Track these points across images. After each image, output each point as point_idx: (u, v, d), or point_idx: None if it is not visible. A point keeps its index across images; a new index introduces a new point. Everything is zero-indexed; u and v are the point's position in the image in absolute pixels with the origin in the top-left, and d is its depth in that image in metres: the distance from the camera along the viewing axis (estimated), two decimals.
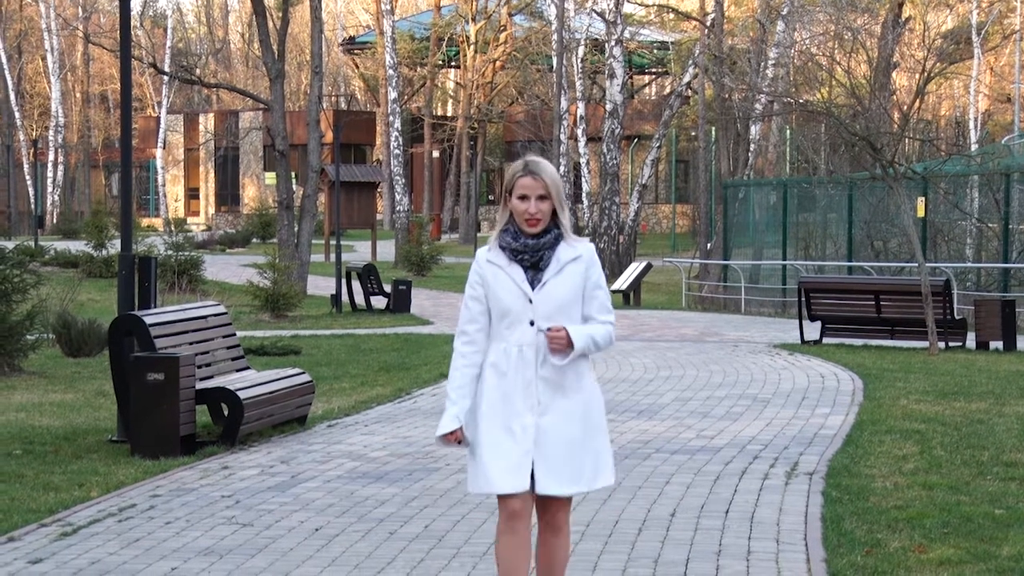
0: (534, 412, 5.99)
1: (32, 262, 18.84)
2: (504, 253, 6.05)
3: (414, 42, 68.23)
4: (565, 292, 6.01)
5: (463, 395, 6.06)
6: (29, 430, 12.54)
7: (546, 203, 6.00)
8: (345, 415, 13.69)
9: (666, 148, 61.88)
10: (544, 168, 6.01)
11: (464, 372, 6.08)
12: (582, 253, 6.06)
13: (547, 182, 5.98)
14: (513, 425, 5.98)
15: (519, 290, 6.00)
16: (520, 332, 6.01)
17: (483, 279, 6.07)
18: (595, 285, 6.08)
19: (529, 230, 6.01)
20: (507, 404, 5.99)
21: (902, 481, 10.01)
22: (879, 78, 36.05)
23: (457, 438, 6.05)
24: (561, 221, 6.04)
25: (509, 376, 6.00)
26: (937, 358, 19.06)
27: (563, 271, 6.01)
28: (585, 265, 6.05)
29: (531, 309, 6.00)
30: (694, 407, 14.16)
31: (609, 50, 45.12)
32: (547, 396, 6.00)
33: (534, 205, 5.99)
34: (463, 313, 6.13)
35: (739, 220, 36.59)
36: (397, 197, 51.00)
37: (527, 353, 6.00)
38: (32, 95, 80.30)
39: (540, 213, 6.00)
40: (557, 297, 6.00)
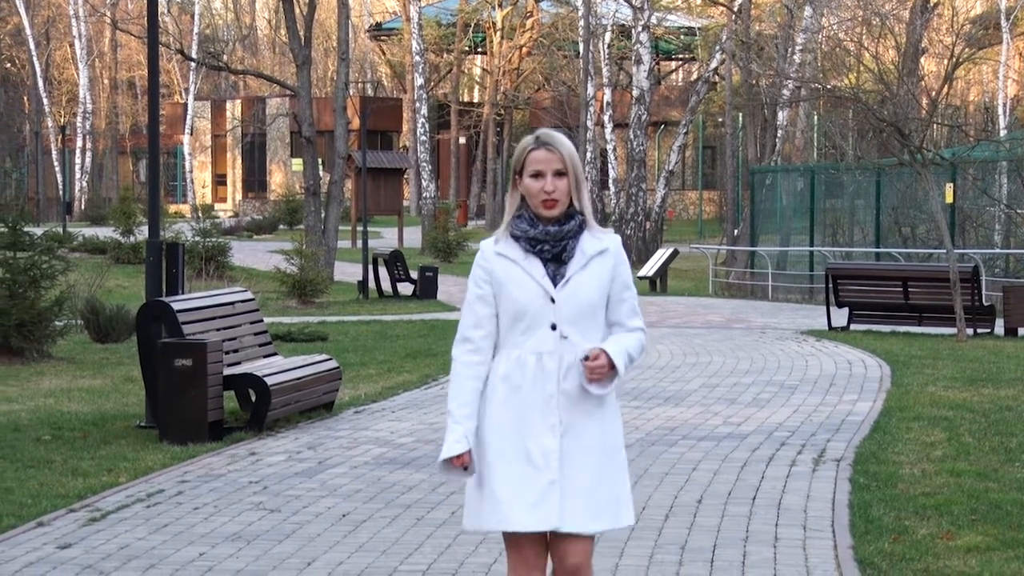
0: (555, 433, 5.05)
1: (60, 248, 18.87)
2: (519, 243, 5.08)
3: (440, 28, 68.17)
4: (591, 291, 5.07)
5: (469, 413, 5.10)
6: (58, 416, 12.60)
7: (564, 181, 5.05)
8: (372, 401, 13.71)
9: (693, 134, 61.75)
10: (559, 140, 5.07)
11: (469, 386, 5.12)
12: (609, 246, 5.12)
13: (563, 155, 5.04)
14: (531, 448, 5.04)
15: (538, 287, 5.04)
16: (539, 338, 5.05)
17: (491, 275, 5.10)
18: (623, 284, 5.15)
19: (546, 213, 5.04)
20: (522, 424, 5.05)
21: (930, 468, 9.99)
22: (907, 64, 35.90)
23: (464, 463, 5.10)
24: (582, 206, 5.10)
25: (524, 390, 5.05)
26: (965, 345, 18.99)
27: (589, 266, 5.07)
28: (613, 261, 5.12)
29: (553, 310, 5.03)
30: (721, 394, 14.14)
31: (636, 36, 45.01)
32: (567, 414, 5.07)
33: (551, 182, 5.04)
34: (465, 317, 5.16)
35: (766, 206, 36.50)
36: (423, 183, 51.02)
37: (547, 363, 5.05)
38: (60, 82, 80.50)
39: (558, 192, 5.04)
40: (583, 296, 5.06)
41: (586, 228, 5.11)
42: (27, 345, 16.83)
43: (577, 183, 5.07)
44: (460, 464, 5.11)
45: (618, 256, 5.15)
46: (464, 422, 5.10)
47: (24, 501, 9.03)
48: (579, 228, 5.09)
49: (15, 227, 17.07)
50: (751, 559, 7.54)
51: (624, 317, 5.18)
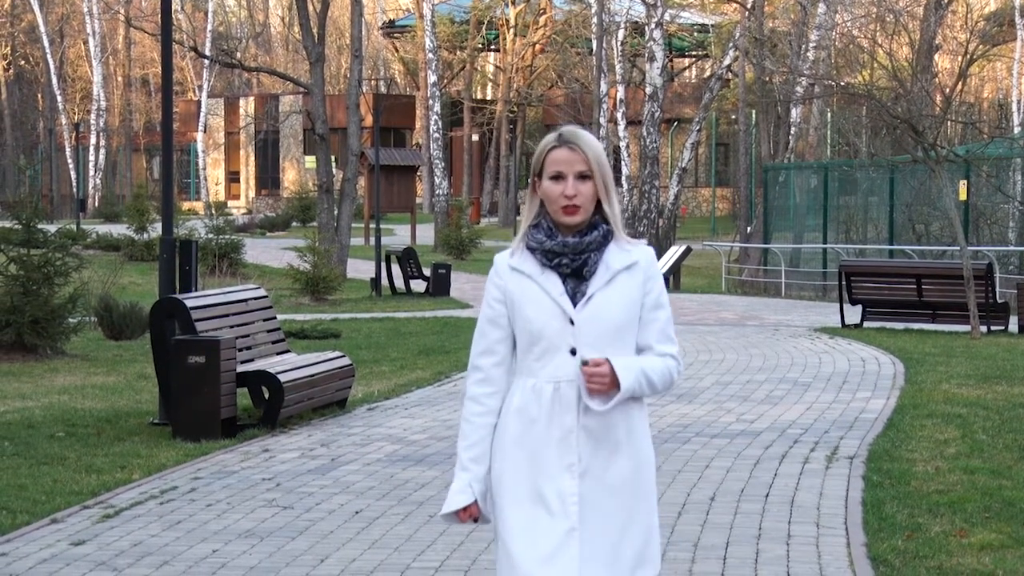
0: (572, 473, 4.41)
1: (74, 245, 18.95)
2: (534, 256, 4.47)
3: (454, 25, 68.19)
4: (617, 311, 4.44)
5: (477, 456, 4.49)
6: (72, 412, 12.62)
7: (588, 185, 4.42)
8: (385, 398, 13.72)
9: (706, 131, 61.70)
10: (584, 139, 4.45)
11: (479, 424, 4.50)
12: (638, 259, 4.48)
13: (588, 156, 4.42)
14: (546, 491, 4.40)
15: (556, 307, 4.43)
16: (556, 364, 4.43)
17: (505, 293, 4.50)
18: (655, 304, 4.51)
19: (567, 220, 4.43)
20: (536, 463, 4.42)
21: (943, 465, 9.97)
22: (921, 60, 35.84)
23: (472, 515, 4.49)
24: (609, 214, 4.47)
25: (540, 424, 4.42)
26: (979, 342, 18.96)
27: (614, 282, 4.45)
28: (643, 276, 4.48)
29: (572, 333, 4.42)
30: (734, 391, 14.13)
31: (649, 33, 44.97)
32: (589, 452, 4.42)
33: (572, 185, 4.42)
34: (476, 342, 4.58)
35: (780, 203, 36.46)
36: (436, 181, 51.03)
37: (566, 393, 4.42)
38: (74, 79, 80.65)
39: (580, 197, 4.42)
40: (607, 317, 4.43)
41: (613, 240, 4.48)
42: (41, 342, 16.87)
43: (605, 188, 4.45)
44: (468, 517, 4.50)
45: (649, 271, 4.50)
46: (472, 467, 4.49)
47: (38, 498, 9.05)
48: (604, 239, 4.46)
49: (29, 224, 17.10)
50: (764, 556, 7.54)
51: (652, 340, 4.51)
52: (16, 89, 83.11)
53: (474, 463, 4.49)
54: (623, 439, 4.45)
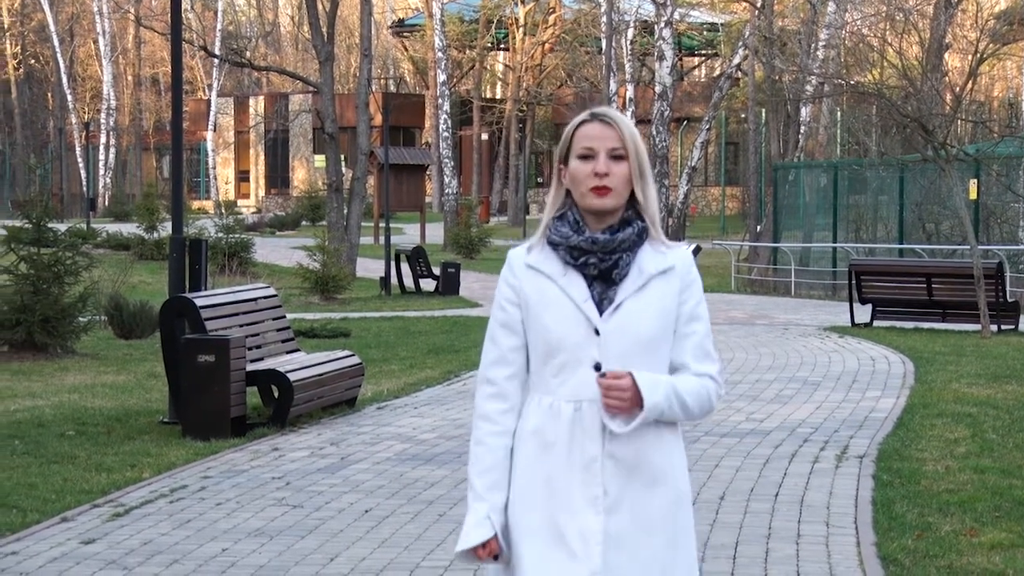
0: (597, 508, 3.78)
1: (84, 244, 18.94)
2: (557, 254, 3.86)
3: (463, 24, 68.20)
4: (649, 322, 3.82)
5: (493, 483, 3.87)
6: (82, 411, 12.64)
7: (622, 166, 3.81)
8: (394, 397, 13.73)
9: (716, 130, 61.66)
10: (619, 116, 3.88)
11: (493, 446, 3.87)
12: (675, 263, 3.87)
13: (624, 132, 3.83)
14: (566, 529, 3.78)
15: (579, 314, 3.81)
16: (578, 381, 3.81)
17: (520, 295, 3.87)
18: (691, 315, 3.89)
19: (596, 203, 3.81)
20: (555, 495, 3.80)
21: (953, 465, 9.96)
22: (931, 59, 35.80)
23: (492, 551, 3.86)
24: (644, 207, 3.86)
25: (558, 450, 3.80)
26: (989, 341, 18.93)
27: (647, 289, 3.84)
28: (680, 283, 3.87)
29: (597, 345, 3.80)
30: (743, 390, 14.12)
31: (658, 32, 44.97)
32: (619, 484, 3.79)
33: (603, 162, 3.81)
34: (487, 351, 3.94)
35: (789, 202, 36.43)
36: (446, 180, 51.04)
37: (588, 415, 3.80)
38: (84, 78, 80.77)
39: (612, 178, 3.80)
40: (637, 329, 3.81)
41: (648, 239, 3.87)
42: (51, 341, 16.89)
43: (640, 174, 3.84)
44: (488, 554, 3.87)
45: (686, 277, 3.88)
46: (488, 496, 3.86)
47: (48, 496, 9.07)
48: (638, 238, 3.85)
49: (39, 223, 17.13)
50: (774, 556, 7.53)
51: (688, 357, 3.88)
52: (26, 88, 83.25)
53: (491, 491, 3.86)
54: (658, 469, 3.82)
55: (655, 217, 3.87)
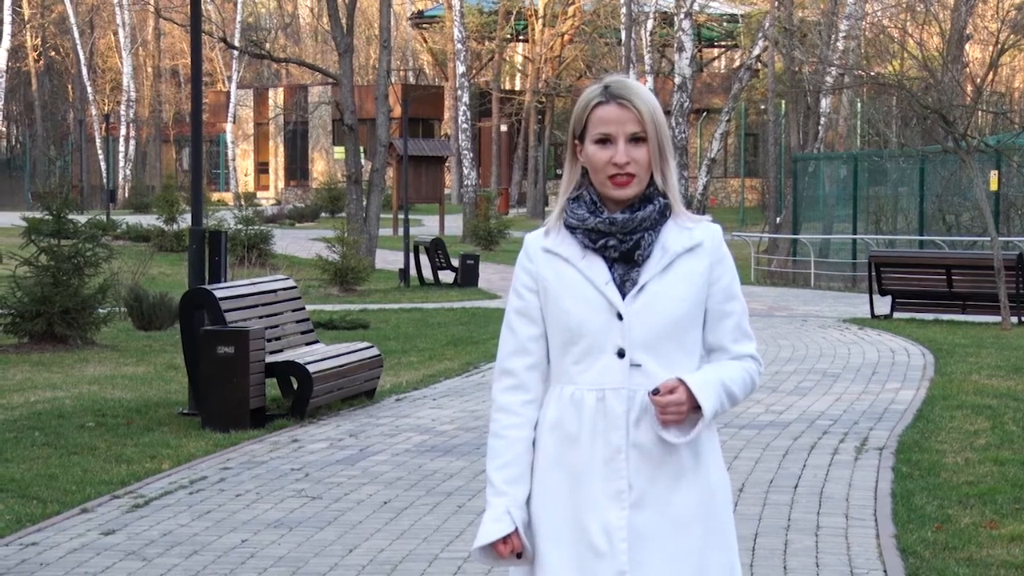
0: (622, 503, 3.58)
1: (104, 236, 19.05)
2: (575, 236, 3.64)
3: (482, 16, 68.16)
4: (676, 304, 3.60)
5: (514, 477, 3.65)
6: (102, 402, 12.67)
7: (642, 150, 3.58)
8: (413, 389, 13.74)
9: (735, 122, 61.54)
10: (637, 92, 3.59)
11: (513, 439, 3.66)
12: (703, 239, 3.65)
13: (643, 113, 3.57)
14: (590, 525, 3.58)
15: (601, 298, 3.60)
16: (601, 369, 3.60)
17: (538, 280, 3.68)
18: (726, 294, 3.68)
19: (617, 194, 3.60)
20: (578, 490, 3.61)
21: (973, 456, 9.94)
22: (952, 50, 35.69)
23: (514, 548, 3.63)
24: (666, 184, 3.63)
25: (582, 443, 3.60)
26: (1010, 333, 18.88)
27: (673, 268, 3.61)
28: (709, 259, 3.64)
29: (620, 330, 3.59)
30: (763, 381, 14.09)
31: (678, 23, 44.89)
32: (644, 478, 3.59)
33: (623, 151, 3.57)
34: (505, 340, 3.75)
35: (809, 194, 36.37)
36: (465, 171, 51.04)
37: (612, 404, 3.59)
38: (104, 70, 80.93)
39: (634, 165, 3.57)
40: (664, 311, 3.59)
41: (671, 216, 3.65)
42: (71, 332, 16.94)
43: (660, 153, 3.60)
44: (509, 551, 3.63)
45: (716, 253, 3.65)
46: (508, 490, 3.64)
47: (68, 487, 9.09)
48: (660, 216, 3.63)
49: (59, 215, 17.17)
50: (793, 547, 7.52)
51: (727, 339, 3.69)
52: (46, 80, 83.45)
53: (511, 485, 3.63)
54: (688, 462, 3.60)
55: (676, 192, 3.65)
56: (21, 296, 16.88)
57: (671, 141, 3.65)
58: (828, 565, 7.19)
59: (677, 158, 44.29)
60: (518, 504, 3.62)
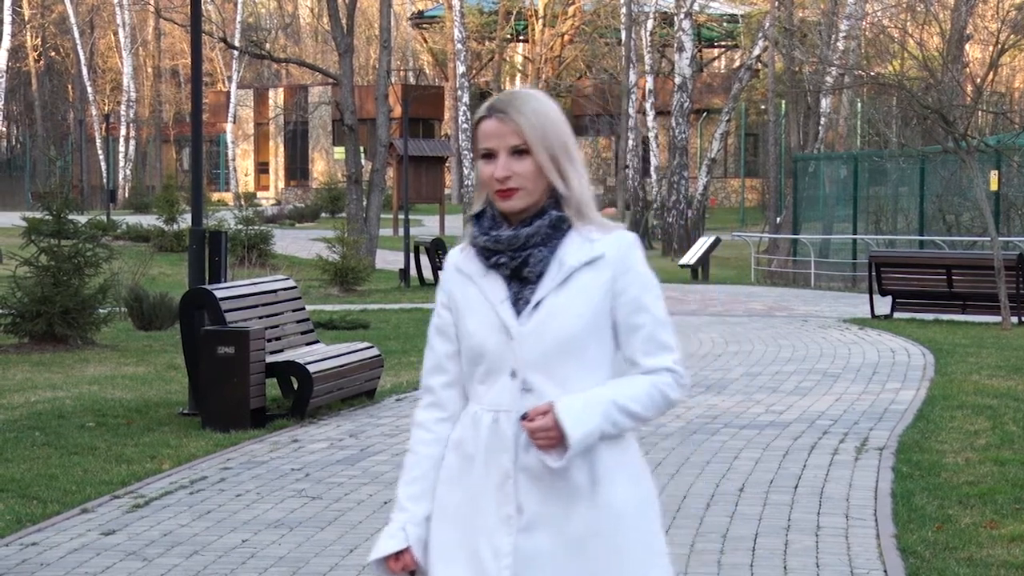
0: (510, 527, 3.46)
1: (104, 236, 19.08)
2: (478, 254, 3.56)
3: (482, 16, 68.20)
4: (571, 321, 3.45)
5: (419, 494, 3.61)
6: (102, 403, 12.68)
7: (526, 162, 3.46)
8: (413, 389, 13.72)
9: (735, 122, 61.57)
10: (520, 104, 3.48)
11: (423, 455, 3.64)
12: (604, 251, 3.47)
13: (523, 125, 3.45)
14: (481, 548, 3.49)
15: (496, 318, 3.49)
16: (498, 390, 3.50)
17: (450, 298, 3.60)
18: (634, 306, 3.48)
19: (503, 206, 3.49)
20: (474, 511, 3.51)
21: (974, 457, 9.94)
22: (952, 50, 35.71)
23: (406, 566, 3.57)
24: (567, 196, 3.49)
25: (477, 464, 3.51)
26: (1010, 333, 18.88)
27: (570, 283, 3.46)
28: (611, 272, 3.47)
29: (513, 350, 3.48)
30: (763, 382, 14.10)
31: (678, 23, 44.91)
32: (536, 501, 3.46)
33: (503, 165, 3.46)
34: (425, 357, 3.70)
35: (809, 194, 36.38)
36: (465, 171, 51.09)
37: (504, 426, 3.48)
38: (104, 70, 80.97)
39: (517, 178, 3.45)
40: (556, 329, 3.45)
41: (569, 226, 3.49)
42: (71, 332, 16.94)
43: (554, 165, 3.46)
44: (400, 567, 3.57)
45: (621, 264, 3.47)
46: (410, 506, 3.60)
47: (68, 488, 9.09)
48: (553, 229, 3.48)
49: (59, 215, 17.18)
50: (793, 548, 7.52)
51: (638, 353, 3.50)
52: (46, 80, 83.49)
53: (412, 501, 3.60)
54: (583, 483, 3.44)
55: (583, 203, 3.48)
56: (21, 296, 16.88)
57: (576, 149, 3.51)
58: (828, 565, 7.19)
59: (678, 158, 44.44)
60: (416, 521, 3.57)
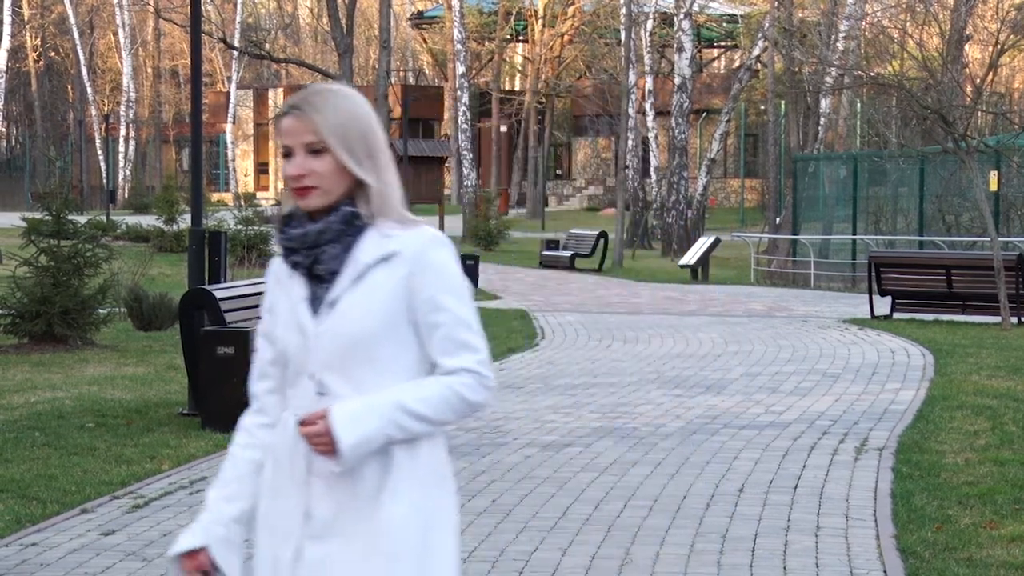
0: (301, 533, 3.37)
1: (104, 236, 19.07)
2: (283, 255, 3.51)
3: (482, 16, 68.20)
4: (361, 321, 3.33)
5: (227, 496, 3.48)
6: (101, 403, 12.67)
7: (323, 160, 3.34)
8: None
9: (735, 122, 61.58)
10: (317, 101, 3.36)
11: (239, 458, 3.52)
12: (399, 249, 3.35)
13: (318, 123, 3.33)
14: (281, 553, 3.41)
15: (295, 318, 3.42)
16: (300, 393, 3.42)
17: (269, 302, 3.55)
18: (431, 305, 3.35)
19: (302, 204, 3.39)
20: (279, 517, 3.43)
21: (973, 457, 9.93)
22: (951, 51, 35.72)
23: (199, 566, 3.44)
24: (370, 193, 3.36)
25: (283, 469, 3.42)
26: (1009, 333, 18.88)
27: (363, 281, 3.35)
28: (406, 269, 3.34)
29: (309, 351, 3.39)
30: (763, 382, 14.10)
31: (678, 23, 44.92)
32: (330, 507, 3.35)
33: (298, 163, 3.35)
34: (253, 362, 3.66)
35: (809, 194, 36.39)
36: (465, 172, 51.07)
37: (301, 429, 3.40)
38: (104, 70, 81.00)
39: (312, 177, 3.34)
40: (347, 328, 3.34)
41: (366, 223, 3.36)
42: (71, 333, 16.94)
43: (358, 161, 3.34)
44: (193, 566, 3.43)
45: (417, 261, 3.34)
46: (215, 506, 3.47)
47: (68, 488, 9.09)
48: (346, 226, 3.35)
49: (59, 215, 17.17)
50: (792, 548, 7.52)
51: (437, 353, 3.37)
52: (46, 80, 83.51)
53: (218, 502, 3.48)
54: (371, 490, 3.32)
55: (387, 199, 3.36)
56: (21, 296, 16.88)
57: (382, 145, 3.39)
58: (828, 565, 7.19)
59: (677, 159, 44.41)
60: (220, 521, 3.45)
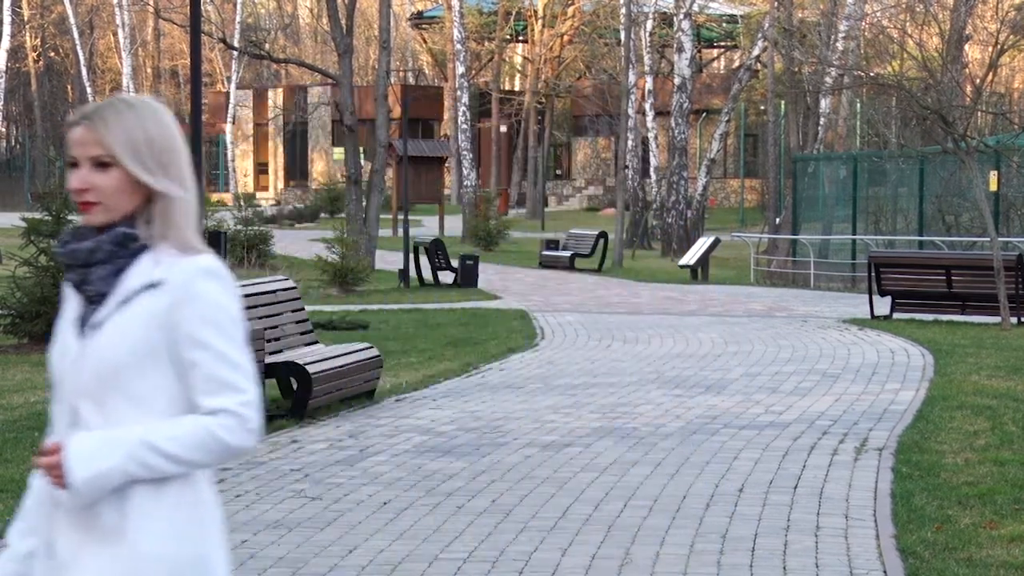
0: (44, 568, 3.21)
1: None
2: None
3: (482, 16, 68.19)
4: (114, 350, 3.12)
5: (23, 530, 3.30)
6: None
7: (109, 175, 3.13)
8: (413, 389, 13.73)
9: (735, 122, 61.57)
10: (108, 114, 3.18)
11: (34, 488, 3.30)
12: (165, 277, 3.13)
13: (106, 136, 3.14)
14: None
15: (62, 339, 3.25)
16: (61, 419, 3.24)
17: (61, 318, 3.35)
18: (190, 340, 3.13)
19: (84, 219, 3.18)
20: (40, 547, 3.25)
21: (973, 457, 9.93)
22: (951, 51, 35.73)
23: None
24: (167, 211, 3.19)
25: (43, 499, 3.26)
26: (1009, 333, 18.88)
27: (128, 307, 3.14)
28: (170, 300, 3.12)
29: (68, 375, 3.20)
30: (762, 382, 14.10)
31: (678, 23, 44.92)
32: (72, 541, 3.15)
33: (80, 176, 3.14)
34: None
35: (809, 194, 36.39)
36: (464, 172, 51.07)
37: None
38: (104, 70, 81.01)
39: (95, 192, 3.13)
40: (104, 356, 3.13)
41: (142, 246, 3.16)
42: None
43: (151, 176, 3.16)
44: None
45: (182, 293, 3.13)
46: (12, 541, 3.31)
47: None
48: (117, 247, 3.15)
49: (59, 215, 17.17)
50: (792, 548, 7.52)
51: (196, 392, 3.13)
52: (46, 80, 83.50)
53: (16, 536, 3.30)
54: (111, 527, 3.11)
55: (172, 222, 3.16)
56: (21, 296, 16.88)
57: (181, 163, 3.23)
58: (828, 565, 7.19)
59: (677, 159, 44.37)
60: (14, 557, 3.28)
